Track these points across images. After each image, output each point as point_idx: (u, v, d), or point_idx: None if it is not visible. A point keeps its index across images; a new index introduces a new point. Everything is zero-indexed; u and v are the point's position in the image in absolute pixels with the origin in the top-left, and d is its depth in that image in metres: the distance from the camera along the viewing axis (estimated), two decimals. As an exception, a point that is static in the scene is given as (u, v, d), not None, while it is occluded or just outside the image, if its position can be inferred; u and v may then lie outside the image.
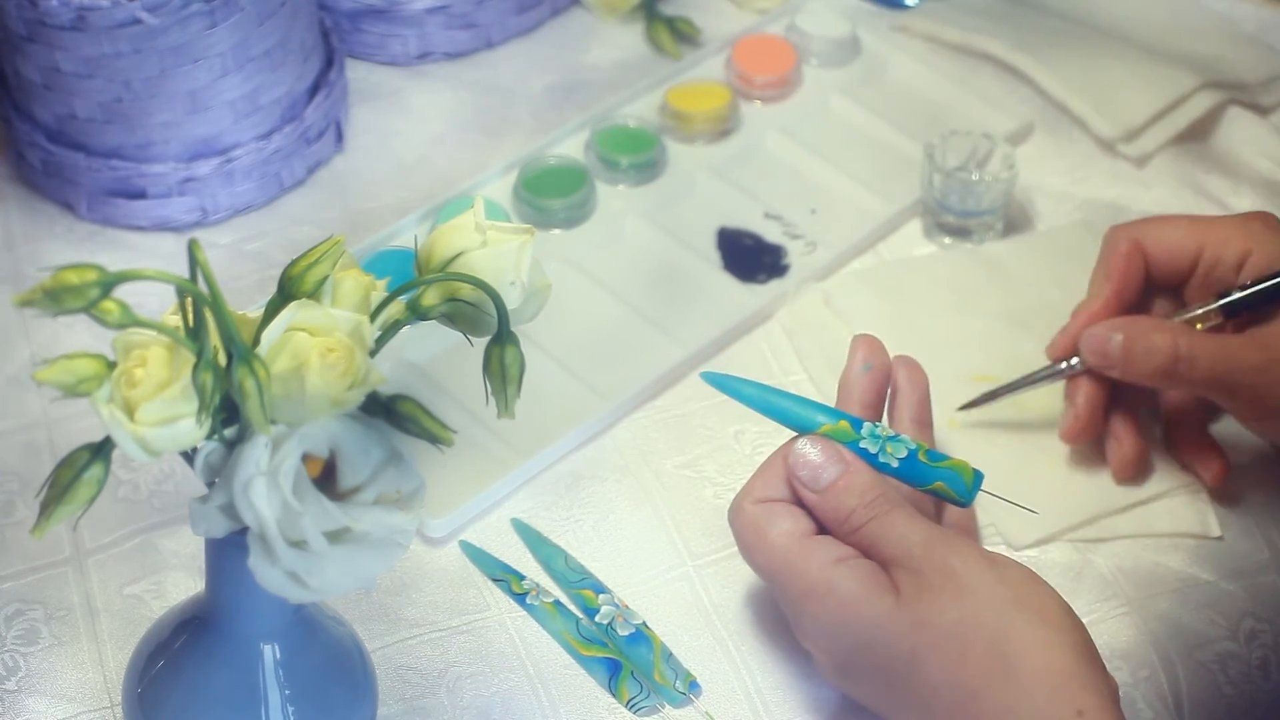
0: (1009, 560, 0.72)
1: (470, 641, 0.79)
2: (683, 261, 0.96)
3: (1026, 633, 0.69)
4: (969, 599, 0.70)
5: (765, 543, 0.74)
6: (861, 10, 1.12)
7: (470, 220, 0.65)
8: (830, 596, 0.71)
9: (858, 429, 0.75)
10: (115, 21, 0.89)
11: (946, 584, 0.70)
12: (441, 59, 1.08)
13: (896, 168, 1.01)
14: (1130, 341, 0.81)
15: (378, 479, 0.62)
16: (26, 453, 0.86)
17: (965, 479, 0.75)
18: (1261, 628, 0.80)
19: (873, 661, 0.71)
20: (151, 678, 0.69)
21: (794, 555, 0.73)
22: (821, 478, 0.74)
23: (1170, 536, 0.84)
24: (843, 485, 0.73)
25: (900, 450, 0.75)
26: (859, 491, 0.73)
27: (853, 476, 0.74)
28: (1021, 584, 0.71)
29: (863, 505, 0.73)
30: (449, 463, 0.82)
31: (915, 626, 0.70)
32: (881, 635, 0.70)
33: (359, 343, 0.60)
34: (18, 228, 0.98)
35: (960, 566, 0.70)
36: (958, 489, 0.75)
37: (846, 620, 0.71)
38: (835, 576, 0.71)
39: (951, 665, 0.69)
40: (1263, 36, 1.11)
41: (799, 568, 0.72)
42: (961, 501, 0.76)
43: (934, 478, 0.75)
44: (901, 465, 0.75)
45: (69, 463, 0.60)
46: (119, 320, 0.57)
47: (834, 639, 0.72)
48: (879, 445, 0.75)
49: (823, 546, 0.73)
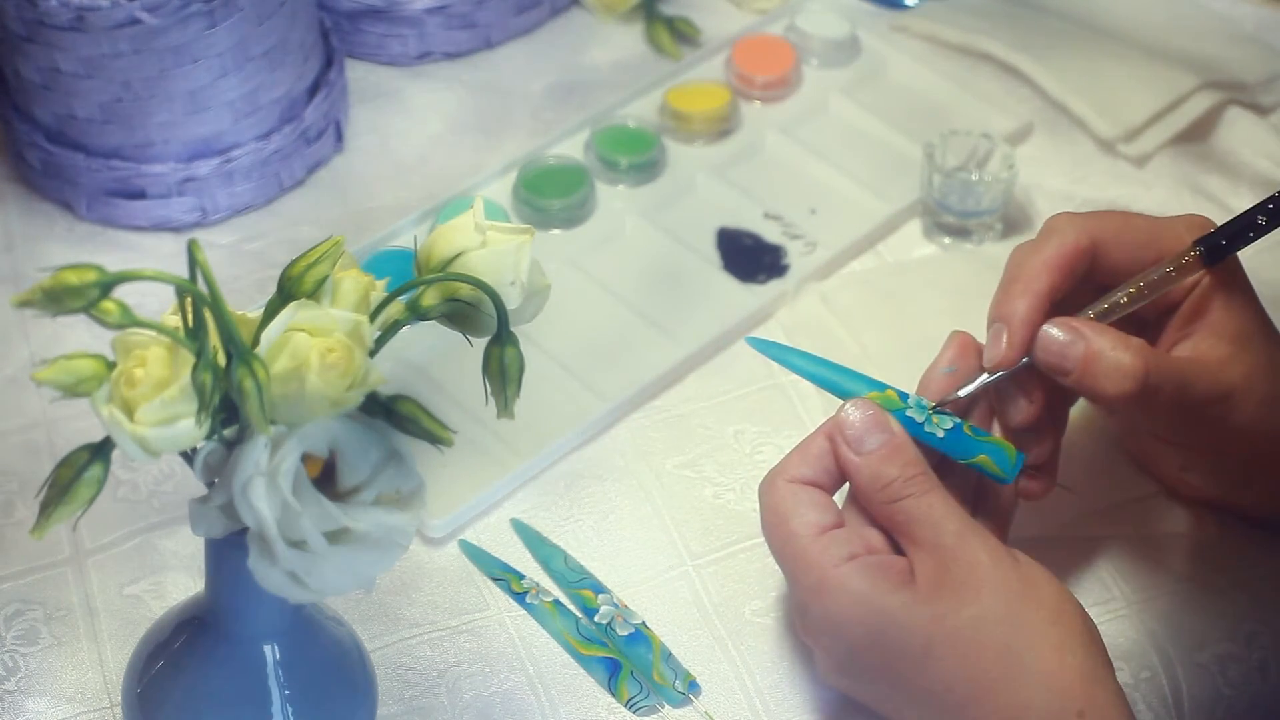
0: (1030, 560, 0.72)
1: (470, 641, 0.79)
2: (683, 261, 0.96)
3: (1040, 632, 0.69)
4: (988, 595, 0.69)
5: (785, 530, 0.73)
6: (861, 10, 1.12)
7: (470, 220, 0.64)
8: (842, 593, 0.71)
9: (904, 399, 0.75)
10: (115, 21, 0.89)
11: (968, 578, 0.70)
12: (441, 59, 1.08)
13: (896, 168, 1.01)
14: (1093, 355, 0.74)
15: (377, 479, 0.62)
16: (26, 453, 0.86)
17: (1009, 456, 0.75)
18: (1261, 629, 0.80)
19: (880, 656, 0.71)
20: (151, 678, 0.69)
21: (809, 549, 0.72)
22: (866, 441, 0.73)
23: (1169, 536, 0.84)
24: (886, 453, 0.73)
25: (946, 423, 0.75)
26: (902, 463, 0.73)
27: (898, 447, 0.73)
28: (1041, 584, 0.71)
29: (903, 479, 0.72)
30: (449, 463, 0.82)
31: (932, 620, 0.70)
32: (894, 629, 0.70)
33: (358, 343, 0.60)
34: (17, 228, 0.98)
35: (986, 561, 0.70)
36: (1002, 463, 0.75)
37: (856, 616, 0.71)
38: (846, 573, 0.71)
39: (966, 661, 0.69)
40: (1262, 36, 1.11)
41: (811, 562, 0.72)
42: (1004, 477, 0.75)
43: (978, 450, 0.75)
44: (947, 436, 0.75)
45: (69, 463, 0.60)
46: (118, 320, 0.57)
47: (839, 635, 0.72)
48: (925, 415, 0.75)
49: (837, 543, 0.72)
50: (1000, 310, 0.77)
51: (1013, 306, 0.76)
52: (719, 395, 0.89)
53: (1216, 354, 0.77)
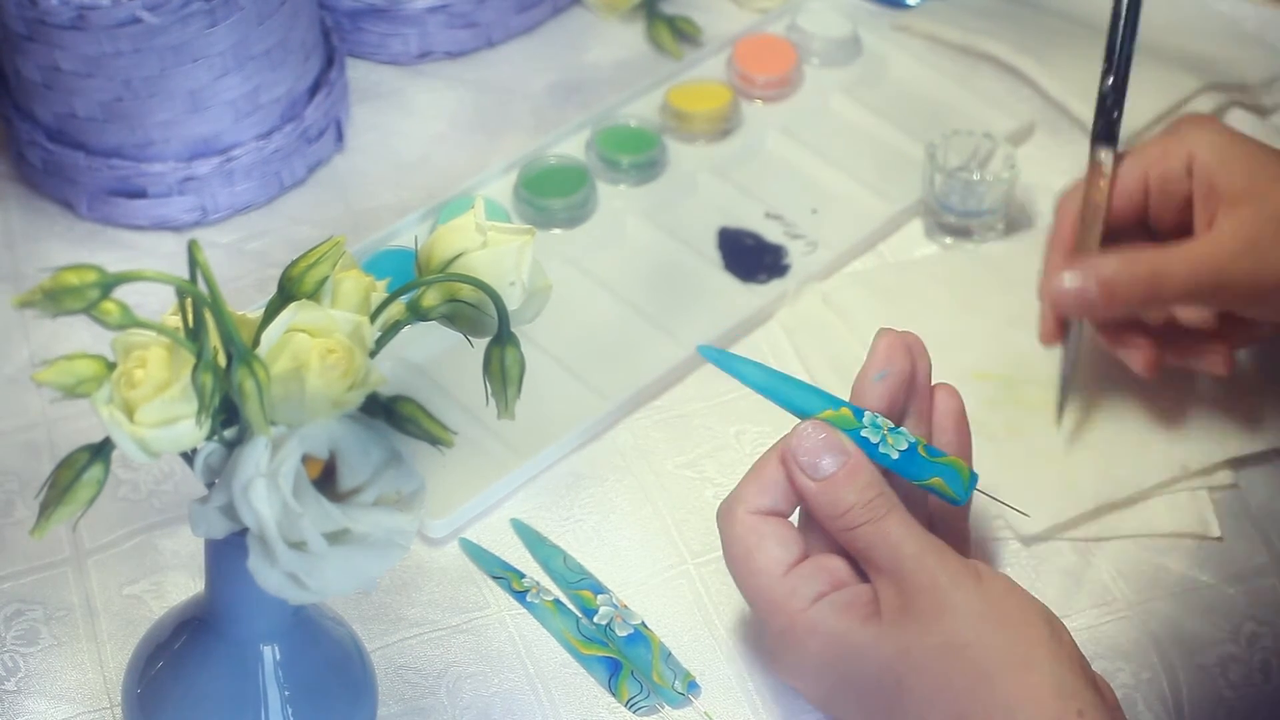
0: (993, 573, 0.71)
1: (470, 641, 0.79)
2: (683, 261, 0.96)
3: (1007, 650, 0.68)
4: (950, 619, 0.68)
5: (750, 567, 0.72)
6: (862, 10, 1.12)
7: (471, 221, 0.65)
8: (811, 637, 0.71)
9: (859, 418, 0.74)
10: (115, 21, 0.89)
11: (929, 605, 0.69)
12: (442, 58, 1.08)
13: (897, 168, 1.01)
14: (1105, 279, 0.80)
15: (378, 480, 0.62)
16: (26, 453, 0.86)
17: (963, 477, 0.75)
18: (1262, 630, 0.80)
19: (856, 692, 0.71)
20: (151, 678, 0.69)
21: (776, 591, 0.72)
22: (821, 466, 0.72)
23: (1169, 537, 0.84)
24: (842, 478, 0.72)
25: (901, 443, 0.74)
26: (859, 488, 0.71)
27: (854, 470, 0.72)
28: (1004, 599, 0.70)
29: (861, 504, 0.71)
30: (449, 463, 0.82)
31: (898, 654, 0.69)
32: (865, 665, 0.70)
33: (359, 343, 0.60)
34: (18, 227, 0.98)
35: (945, 582, 0.69)
36: (955, 486, 0.74)
37: (827, 658, 0.71)
38: (814, 616, 0.71)
39: (935, 692, 0.68)
40: (1264, 36, 1.11)
41: (779, 605, 0.71)
42: (956, 500, 0.75)
43: (932, 473, 0.74)
44: (901, 458, 0.74)
45: (69, 463, 0.60)
46: (119, 321, 0.57)
47: (815, 677, 0.72)
48: (880, 436, 0.73)
49: (804, 582, 0.71)
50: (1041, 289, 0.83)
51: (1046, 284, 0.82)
52: (720, 395, 0.89)
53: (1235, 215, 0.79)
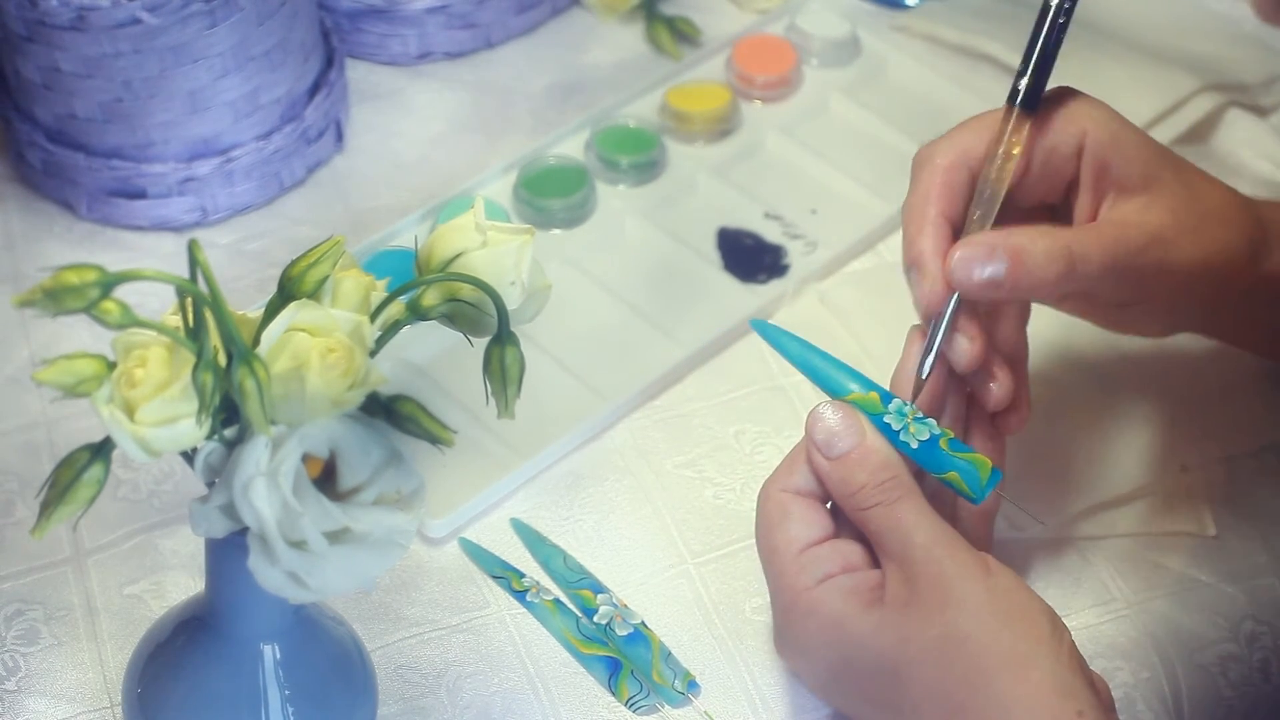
0: (1002, 568, 0.70)
1: (470, 640, 0.79)
2: (683, 261, 0.96)
3: (1009, 647, 0.68)
4: (954, 611, 0.68)
5: (770, 542, 0.73)
6: (861, 10, 1.12)
7: (470, 220, 0.65)
8: (809, 617, 0.71)
9: (886, 402, 0.73)
10: (115, 21, 0.89)
11: (933, 596, 0.69)
12: (441, 59, 1.08)
13: (896, 168, 1.00)
14: (1019, 254, 0.72)
15: (378, 479, 0.62)
16: (26, 453, 0.86)
17: (981, 475, 0.73)
18: (1261, 629, 0.80)
19: (853, 678, 0.71)
20: (151, 678, 0.69)
21: (787, 567, 0.72)
22: (836, 445, 0.72)
23: (1166, 535, 0.84)
24: (855, 457, 0.71)
25: (923, 433, 0.73)
26: (872, 468, 0.71)
27: (867, 450, 0.71)
28: (1010, 594, 0.69)
29: (874, 484, 0.71)
30: (449, 463, 0.82)
31: (898, 643, 0.69)
32: (862, 652, 0.70)
33: (359, 343, 0.60)
34: (17, 227, 0.98)
35: (952, 573, 0.69)
36: (972, 483, 0.73)
37: (824, 640, 0.71)
38: (816, 596, 0.71)
39: (933, 684, 0.68)
40: (1263, 36, 1.11)
41: (786, 582, 0.72)
42: (972, 497, 0.73)
43: (950, 467, 0.73)
44: (921, 447, 0.73)
45: (69, 463, 0.60)
46: (119, 321, 0.57)
47: (811, 658, 0.72)
48: (903, 423, 0.73)
49: (815, 562, 0.72)
50: (908, 256, 0.75)
51: (919, 247, 0.74)
52: (719, 395, 0.89)
53: (1131, 203, 0.75)
